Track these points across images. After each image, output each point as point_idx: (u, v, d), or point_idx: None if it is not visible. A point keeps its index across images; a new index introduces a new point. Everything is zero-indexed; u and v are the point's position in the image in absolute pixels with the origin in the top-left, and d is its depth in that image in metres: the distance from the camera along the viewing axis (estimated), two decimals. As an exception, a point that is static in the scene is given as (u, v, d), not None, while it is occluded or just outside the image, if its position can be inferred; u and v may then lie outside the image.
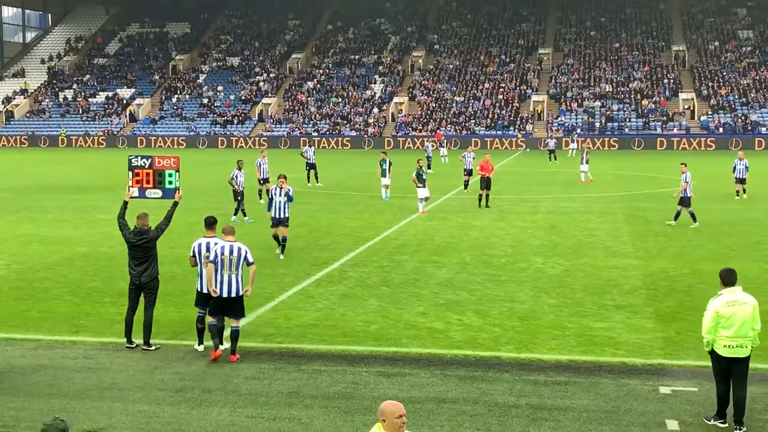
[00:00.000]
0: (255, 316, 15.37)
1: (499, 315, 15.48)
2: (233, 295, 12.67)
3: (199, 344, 13.35)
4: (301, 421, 10.40)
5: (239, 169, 28.60)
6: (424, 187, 29.71)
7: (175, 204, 14.03)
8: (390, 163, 34.44)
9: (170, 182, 14.14)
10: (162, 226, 13.52)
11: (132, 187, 14.22)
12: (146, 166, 14.20)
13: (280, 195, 21.18)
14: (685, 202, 26.51)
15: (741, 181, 34.89)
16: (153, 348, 13.33)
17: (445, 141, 63.29)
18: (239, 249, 12.68)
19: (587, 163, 42.47)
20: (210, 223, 13.54)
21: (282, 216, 21.20)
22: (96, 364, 12.71)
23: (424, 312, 15.69)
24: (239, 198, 28.14)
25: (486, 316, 15.43)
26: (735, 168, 35.09)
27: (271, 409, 10.82)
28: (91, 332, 14.50)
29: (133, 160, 14.35)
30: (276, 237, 21.58)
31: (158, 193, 14.26)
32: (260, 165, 33.13)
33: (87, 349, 13.49)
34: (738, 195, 34.82)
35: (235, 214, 27.99)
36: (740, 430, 10.02)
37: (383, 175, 34.13)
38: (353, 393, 11.34)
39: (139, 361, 12.87)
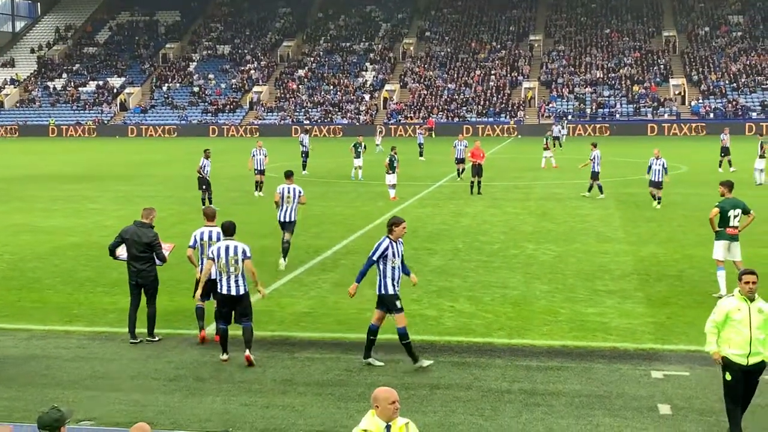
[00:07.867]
0: (248, 304, 15.38)
1: (492, 301, 15.53)
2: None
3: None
4: (294, 408, 10.43)
5: (206, 158, 28.60)
6: (393, 173, 30.29)
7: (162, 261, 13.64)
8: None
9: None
10: (160, 254, 13.38)
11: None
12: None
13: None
14: (595, 176, 30.59)
15: (657, 185, 27.43)
16: (156, 339, 13.30)
17: (379, 131, 56.03)
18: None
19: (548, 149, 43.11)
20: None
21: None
22: (89, 354, 12.73)
23: (416, 299, 15.71)
24: (203, 187, 28.20)
25: (478, 302, 15.48)
26: (650, 168, 27.78)
27: (265, 396, 10.85)
28: (84, 322, 14.51)
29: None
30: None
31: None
32: (254, 155, 32.76)
33: (80, 339, 13.50)
34: (656, 201, 27.38)
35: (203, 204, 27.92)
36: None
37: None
38: (347, 380, 11.38)
39: (132, 350, 12.89)
